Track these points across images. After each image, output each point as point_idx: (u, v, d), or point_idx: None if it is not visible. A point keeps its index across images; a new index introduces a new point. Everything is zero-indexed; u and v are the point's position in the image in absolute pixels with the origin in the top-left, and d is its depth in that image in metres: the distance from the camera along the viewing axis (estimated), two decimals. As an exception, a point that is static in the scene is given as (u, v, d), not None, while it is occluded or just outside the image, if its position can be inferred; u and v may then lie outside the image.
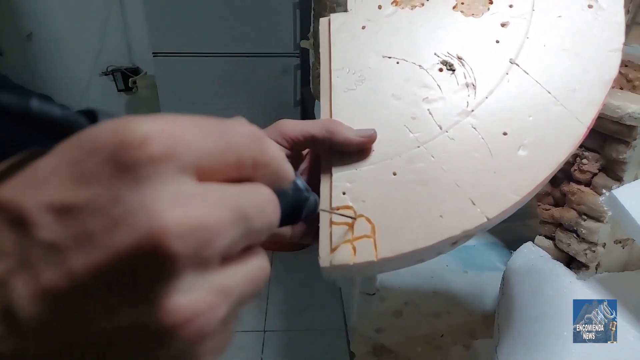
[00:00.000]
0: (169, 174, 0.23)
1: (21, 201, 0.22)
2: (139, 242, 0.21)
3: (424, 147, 0.55)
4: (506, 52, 0.59)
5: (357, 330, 1.13)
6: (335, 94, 0.60)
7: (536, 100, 0.56)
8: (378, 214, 0.52)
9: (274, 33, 2.90)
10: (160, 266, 0.22)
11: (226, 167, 0.26)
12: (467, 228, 0.50)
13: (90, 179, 0.22)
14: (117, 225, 0.21)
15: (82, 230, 0.21)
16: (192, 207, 0.23)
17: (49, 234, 0.21)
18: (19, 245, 0.22)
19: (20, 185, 0.23)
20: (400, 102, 0.58)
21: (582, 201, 0.82)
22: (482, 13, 0.63)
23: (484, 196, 0.51)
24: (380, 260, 0.49)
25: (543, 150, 0.53)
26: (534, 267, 0.89)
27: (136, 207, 0.22)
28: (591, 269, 0.85)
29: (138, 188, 0.22)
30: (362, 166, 0.55)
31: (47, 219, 0.22)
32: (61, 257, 0.21)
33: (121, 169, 0.22)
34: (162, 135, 0.23)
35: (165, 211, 0.22)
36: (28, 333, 0.22)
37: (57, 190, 0.22)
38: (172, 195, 0.22)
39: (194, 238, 0.22)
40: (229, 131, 0.26)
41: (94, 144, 0.22)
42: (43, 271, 0.21)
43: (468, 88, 0.58)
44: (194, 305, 0.23)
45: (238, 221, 0.25)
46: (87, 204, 0.22)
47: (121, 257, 0.21)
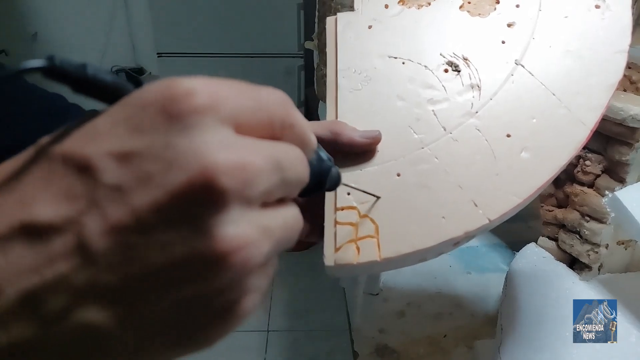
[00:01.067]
0: (212, 123, 0.25)
1: (85, 151, 0.25)
2: (192, 179, 0.24)
3: (428, 149, 0.55)
4: (512, 53, 0.59)
5: (360, 331, 1.13)
6: (340, 94, 0.61)
7: (540, 103, 0.56)
8: (382, 215, 0.52)
9: (278, 34, 2.91)
10: (211, 200, 0.24)
11: (258, 125, 0.29)
12: (469, 229, 0.50)
13: (145, 129, 0.25)
14: (171, 167, 0.24)
15: (142, 172, 0.24)
16: (235, 150, 0.26)
17: (112, 178, 0.24)
18: (87, 188, 0.24)
19: (82, 138, 0.25)
20: (405, 103, 0.58)
21: (585, 202, 0.82)
22: (488, 13, 0.62)
23: (486, 198, 0.51)
24: (383, 260, 0.50)
25: (546, 153, 0.53)
26: (536, 268, 0.89)
27: (187, 150, 0.24)
28: (594, 270, 0.85)
29: (187, 134, 0.25)
30: (367, 167, 0.55)
31: (110, 164, 0.24)
32: (125, 196, 0.24)
33: (171, 118, 0.25)
34: (204, 90, 0.26)
35: (213, 153, 0.25)
36: (99, 265, 0.24)
37: (116, 140, 0.25)
38: (216, 140, 0.25)
39: (240, 176, 0.25)
40: (261, 93, 0.29)
41: (145, 100, 0.25)
42: (109, 210, 0.24)
43: (473, 89, 0.58)
44: (241, 235, 0.26)
45: (275, 169, 0.27)
46: (144, 150, 0.24)
47: (177, 194, 0.24)
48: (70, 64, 0.25)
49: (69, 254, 0.24)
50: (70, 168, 0.25)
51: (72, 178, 0.25)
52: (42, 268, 0.24)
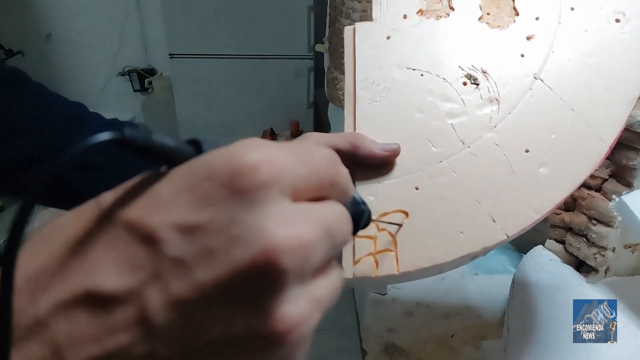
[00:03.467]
0: (274, 197, 0.25)
1: (149, 221, 0.24)
2: (254, 258, 0.24)
3: (446, 162, 0.54)
4: (531, 66, 0.58)
5: (369, 330, 1.13)
6: (359, 106, 0.59)
7: (559, 117, 0.55)
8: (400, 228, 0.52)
9: (288, 36, 2.89)
10: (273, 280, 0.24)
11: (312, 188, 0.29)
12: (487, 245, 0.49)
13: (209, 202, 0.25)
14: (235, 243, 0.24)
15: (205, 247, 0.24)
16: (294, 226, 0.25)
17: (176, 250, 0.24)
18: (150, 260, 0.24)
19: (145, 206, 0.25)
20: (424, 115, 0.57)
21: (592, 206, 0.81)
22: (507, 25, 0.61)
23: (504, 213, 0.51)
24: (401, 273, 0.49)
25: (564, 168, 0.52)
26: (544, 271, 0.88)
27: (250, 227, 0.24)
28: (600, 273, 0.84)
29: (251, 210, 0.25)
30: (385, 180, 0.54)
31: (173, 237, 0.24)
32: (187, 271, 0.24)
33: (236, 193, 0.25)
34: (267, 163, 0.25)
35: (275, 231, 0.24)
36: (159, 338, 0.24)
37: (180, 212, 0.25)
38: (278, 215, 0.25)
39: (298, 254, 0.25)
40: (313, 156, 0.29)
41: (209, 171, 0.25)
42: (172, 283, 0.24)
43: (492, 103, 0.57)
44: (298, 313, 0.26)
45: (327, 237, 0.27)
46: (207, 224, 0.24)
47: (239, 272, 0.24)
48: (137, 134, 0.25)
49: (131, 325, 0.24)
50: (134, 237, 0.25)
51: (135, 248, 0.24)
52: (103, 338, 0.24)
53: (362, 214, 0.36)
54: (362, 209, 0.36)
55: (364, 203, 0.37)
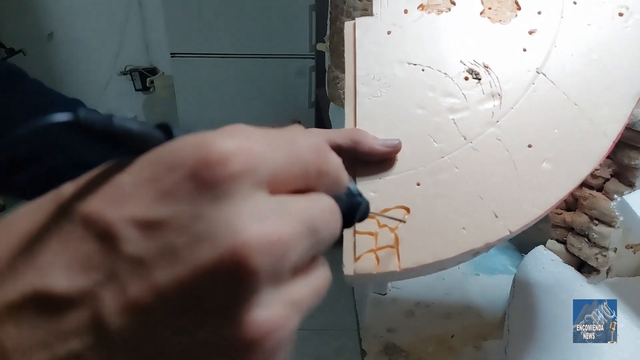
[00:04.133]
0: (246, 189, 0.23)
1: (107, 215, 0.22)
2: (221, 258, 0.22)
3: (448, 158, 0.53)
4: (533, 61, 0.57)
5: (368, 330, 1.12)
6: (359, 101, 0.59)
7: (562, 113, 0.54)
8: (401, 225, 0.51)
9: (290, 35, 2.89)
10: (242, 282, 0.22)
11: (294, 179, 0.26)
12: (489, 241, 0.49)
13: (173, 195, 0.22)
14: (200, 241, 0.22)
15: (166, 245, 0.22)
16: (269, 221, 0.23)
17: (134, 248, 0.22)
18: (107, 258, 0.22)
19: (105, 199, 0.23)
20: (425, 111, 0.57)
21: (593, 206, 0.80)
22: (509, 19, 0.60)
23: (507, 209, 0.50)
24: (402, 270, 0.48)
25: (567, 164, 0.51)
26: (545, 271, 0.87)
27: (218, 223, 0.22)
28: (602, 274, 0.84)
29: (219, 204, 0.22)
30: (386, 176, 0.53)
31: (132, 233, 0.22)
32: (146, 271, 0.22)
33: (202, 185, 0.22)
34: (240, 153, 0.23)
35: (245, 227, 0.22)
36: (115, 345, 0.22)
37: (141, 206, 0.22)
38: (250, 210, 0.23)
39: (272, 253, 0.23)
40: (296, 143, 0.27)
41: (174, 161, 0.23)
42: (129, 284, 0.22)
43: (494, 98, 0.56)
44: (272, 319, 0.23)
45: (309, 234, 0.25)
46: (170, 219, 0.22)
47: (204, 273, 0.22)
48: (96, 117, 0.23)
49: (83, 330, 0.22)
50: (90, 233, 0.22)
51: (91, 244, 0.22)
52: (54, 343, 0.22)
53: (357, 205, 0.34)
54: (358, 200, 0.34)
55: (361, 194, 0.35)
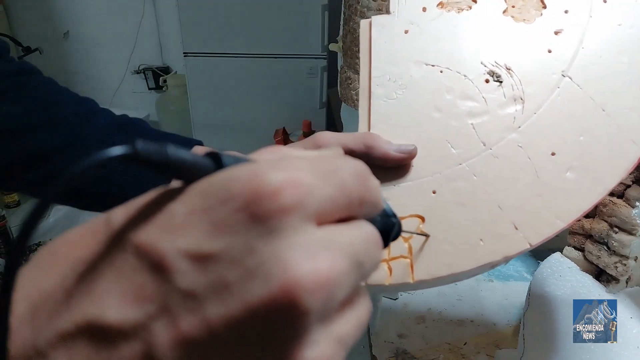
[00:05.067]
0: (297, 223, 0.23)
1: (160, 246, 0.22)
2: (274, 295, 0.21)
3: (466, 165, 0.50)
4: (558, 63, 0.53)
5: (379, 335, 1.10)
6: (374, 103, 0.56)
7: (588, 119, 0.50)
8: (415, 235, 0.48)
9: (302, 35, 2.88)
10: (293, 321, 0.22)
11: (339, 209, 0.26)
12: (508, 254, 0.46)
13: (225, 228, 0.22)
14: (252, 277, 0.22)
15: (219, 279, 0.22)
16: (319, 258, 0.23)
17: (187, 282, 0.22)
18: (160, 290, 0.22)
19: (157, 229, 0.23)
20: (443, 115, 0.54)
21: (613, 213, 0.78)
22: (534, 19, 0.56)
23: (527, 221, 0.47)
24: (416, 282, 0.46)
25: (593, 173, 0.48)
26: (561, 279, 0.85)
27: (270, 258, 0.22)
28: (621, 283, 0.81)
29: (271, 239, 0.22)
30: (401, 182, 0.51)
31: (185, 266, 0.22)
32: (198, 305, 0.22)
33: (255, 219, 0.22)
34: (291, 186, 0.23)
35: (297, 264, 0.22)
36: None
37: (193, 238, 0.22)
38: (301, 245, 0.22)
39: (323, 292, 0.22)
40: (340, 172, 0.26)
41: (227, 193, 0.23)
42: (181, 318, 0.22)
43: (515, 102, 0.52)
44: (321, 358, 0.23)
45: (355, 268, 0.25)
46: (222, 253, 0.22)
47: (256, 310, 0.21)
48: (151, 148, 0.23)
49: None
50: (143, 264, 0.22)
51: (144, 276, 0.22)
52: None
53: (392, 227, 0.33)
54: (392, 222, 0.33)
55: (395, 215, 0.34)
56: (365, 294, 0.28)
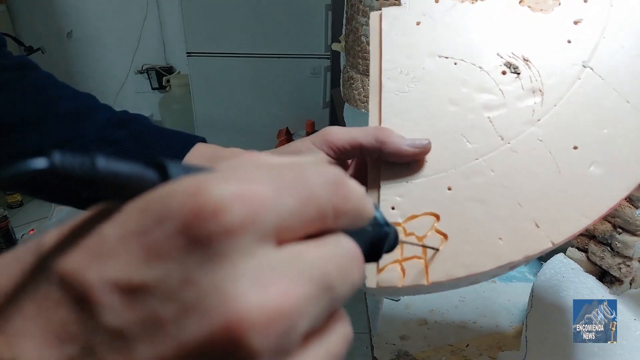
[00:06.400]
0: (247, 245, 0.19)
1: (86, 276, 0.19)
2: (213, 335, 0.18)
3: (483, 160, 0.48)
4: (579, 53, 0.51)
5: (381, 337, 1.09)
6: (385, 97, 0.53)
7: (612, 111, 0.47)
8: (430, 232, 0.46)
9: (306, 35, 2.89)
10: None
11: (307, 224, 0.22)
12: (529, 254, 0.43)
13: (160, 254, 0.19)
14: (188, 313, 0.18)
15: (150, 316, 0.19)
16: (273, 286, 0.19)
17: (114, 319, 0.19)
18: (84, 328, 0.19)
19: (85, 255, 0.20)
20: (458, 108, 0.51)
21: (617, 214, 0.77)
22: (552, 8, 0.54)
23: (549, 218, 0.44)
24: (431, 284, 0.43)
25: (618, 167, 0.45)
26: (565, 280, 0.84)
27: (210, 290, 0.18)
28: (625, 284, 0.81)
29: (212, 266, 0.19)
30: (414, 179, 0.48)
31: (112, 300, 0.19)
32: (126, 346, 0.19)
33: (194, 243, 0.19)
34: (238, 201, 0.19)
35: (243, 295, 0.18)
36: None
37: (124, 266, 0.19)
38: (250, 273, 0.19)
39: (277, 328, 0.19)
40: (308, 181, 0.22)
41: (164, 211, 0.19)
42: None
43: (534, 94, 0.50)
44: None
45: (322, 293, 0.21)
46: (156, 284, 0.19)
47: (192, 352, 0.18)
48: (75, 161, 0.19)
49: None
50: (68, 296, 0.19)
51: (68, 310, 0.19)
52: None
53: (385, 237, 0.30)
54: (385, 231, 0.30)
55: (388, 224, 0.30)
56: (343, 319, 0.24)
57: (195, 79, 3.03)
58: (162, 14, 3.51)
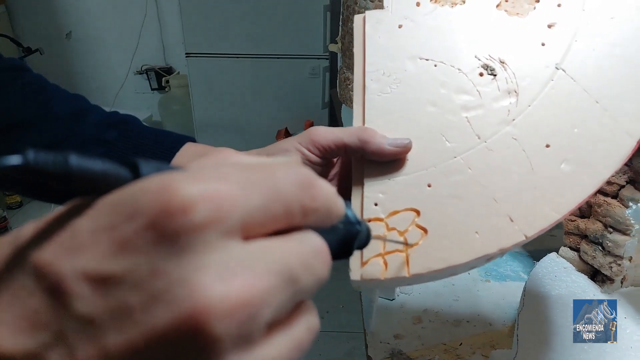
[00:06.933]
0: (213, 240, 0.21)
1: (58, 267, 0.20)
2: (178, 323, 0.19)
3: (461, 158, 0.50)
4: (552, 56, 0.53)
5: (375, 336, 1.10)
6: (368, 98, 0.56)
7: (583, 111, 0.50)
8: (411, 227, 0.48)
9: (304, 35, 2.88)
10: (201, 350, 0.20)
11: (273, 220, 0.23)
12: (504, 246, 0.45)
13: (130, 247, 0.20)
14: (155, 302, 0.20)
15: (119, 305, 0.20)
16: (236, 278, 0.21)
17: (85, 307, 0.20)
18: (56, 316, 0.20)
19: (58, 247, 0.21)
20: (437, 108, 0.53)
21: (608, 213, 0.78)
22: (527, 12, 0.56)
23: (523, 213, 0.46)
24: (412, 276, 0.45)
25: (588, 165, 0.48)
26: (557, 279, 0.85)
27: (177, 281, 0.20)
28: (616, 283, 0.81)
29: (179, 259, 0.20)
30: (396, 177, 0.51)
31: (83, 289, 0.20)
32: (96, 333, 0.20)
33: (162, 237, 0.20)
34: (206, 199, 0.21)
35: (208, 287, 0.20)
36: None
37: (94, 258, 0.20)
38: (215, 265, 0.20)
39: (238, 316, 0.20)
40: (275, 180, 0.24)
41: (134, 207, 0.21)
42: (78, 348, 0.20)
43: (510, 95, 0.52)
44: None
45: (286, 285, 0.22)
46: (125, 275, 0.20)
47: (158, 339, 0.20)
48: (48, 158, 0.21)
49: None
50: (40, 286, 0.20)
51: (40, 299, 0.20)
52: None
53: (355, 234, 0.31)
54: (357, 229, 0.31)
55: (359, 222, 0.32)
56: (309, 311, 0.25)
57: (195, 79, 3.02)
58: (162, 15, 3.49)
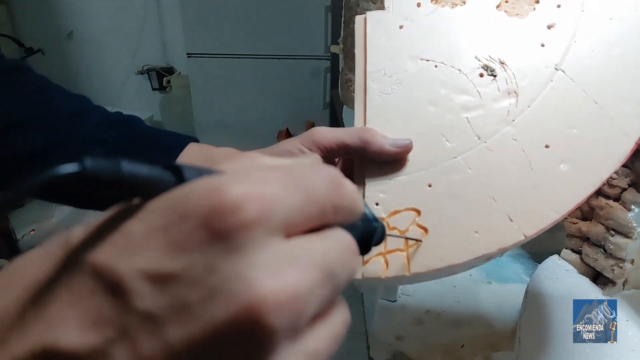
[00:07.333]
0: (261, 238, 0.22)
1: (117, 267, 0.21)
2: (237, 315, 0.21)
3: (461, 159, 0.51)
4: (551, 56, 0.54)
5: (377, 337, 1.10)
6: (370, 98, 0.57)
7: (581, 111, 0.51)
8: (412, 227, 0.49)
9: (306, 36, 2.89)
10: (259, 341, 0.21)
11: (310, 220, 0.25)
12: (503, 246, 0.46)
13: (185, 246, 0.21)
14: (213, 297, 0.21)
15: (179, 300, 0.21)
16: (286, 273, 0.22)
17: (146, 304, 0.21)
18: (118, 313, 0.21)
19: (115, 248, 0.22)
20: (438, 109, 0.54)
21: (610, 216, 0.78)
22: (527, 13, 0.57)
23: (522, 212, 0.47)
24: (412, 275, 0.46)
25: (586, 165, 0.48)
26: (558, 281, 0.85)
27: (232, 277, 0.21)
28: (618, 286, 0.81)
29: (233, 256, 0.21)
30: (396, 177, 0.52)
31: (143, 287, 0.21)
32: (158, 328, 0.21)
33: (215, 236, 0.21)
34: (254, 199, 0.22)
35: (261, 281, 0.21)
36: None
37: (152, 258, 0.21)
38: (265, 261, 0.22)
39: (290, 309, 0.21)
40: (310, 181, 0.25)
41: (186, 209, 0.22)
42: (141, 342, 0.21)
43: (509, 95, 0.53)
44: None
45: (327, 280, 0.24)
46: (182, 273, 0.21)
47: (218, 331, 0.21)
48: (103, 165, 0.22)
49: None
50: (101, 285, 0.21)
51: (102, 298, 0.21)
52: None
53: (373, 231, 0.33)
54: (374, 226, 0.33)
55: (376, 219, 0.33)
56: (342, 305, 0.27)
57: (196, 80, 3.03)
58: (162, 15, 3.49)
